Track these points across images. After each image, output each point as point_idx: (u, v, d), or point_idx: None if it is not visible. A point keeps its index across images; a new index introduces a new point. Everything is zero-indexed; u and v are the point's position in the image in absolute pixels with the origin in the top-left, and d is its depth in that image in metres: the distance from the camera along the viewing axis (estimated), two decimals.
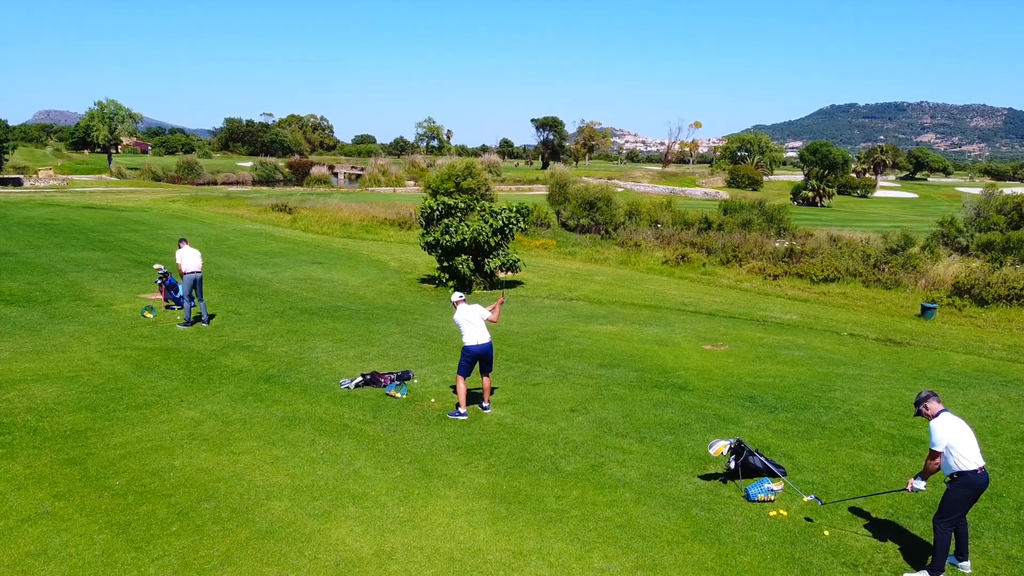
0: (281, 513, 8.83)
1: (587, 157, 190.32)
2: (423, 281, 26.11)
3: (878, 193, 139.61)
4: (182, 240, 18.92)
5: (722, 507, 9.28)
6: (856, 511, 9.23)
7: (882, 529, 8.80)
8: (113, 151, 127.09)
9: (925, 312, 22.60)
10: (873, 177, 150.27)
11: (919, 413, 8.02)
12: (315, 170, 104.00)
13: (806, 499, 9.38)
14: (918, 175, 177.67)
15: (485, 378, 12.54)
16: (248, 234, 37.25)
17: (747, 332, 19.79)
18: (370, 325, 18.89)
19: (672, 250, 33.99)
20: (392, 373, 14.10)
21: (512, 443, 11.17)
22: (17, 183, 73.09)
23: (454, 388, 12.88)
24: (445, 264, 24.29)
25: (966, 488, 7.61)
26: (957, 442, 7.63)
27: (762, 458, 9.96)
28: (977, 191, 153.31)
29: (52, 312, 19.29)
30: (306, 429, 11.49)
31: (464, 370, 12.21)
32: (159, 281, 20.12)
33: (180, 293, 20.15)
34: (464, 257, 23.62)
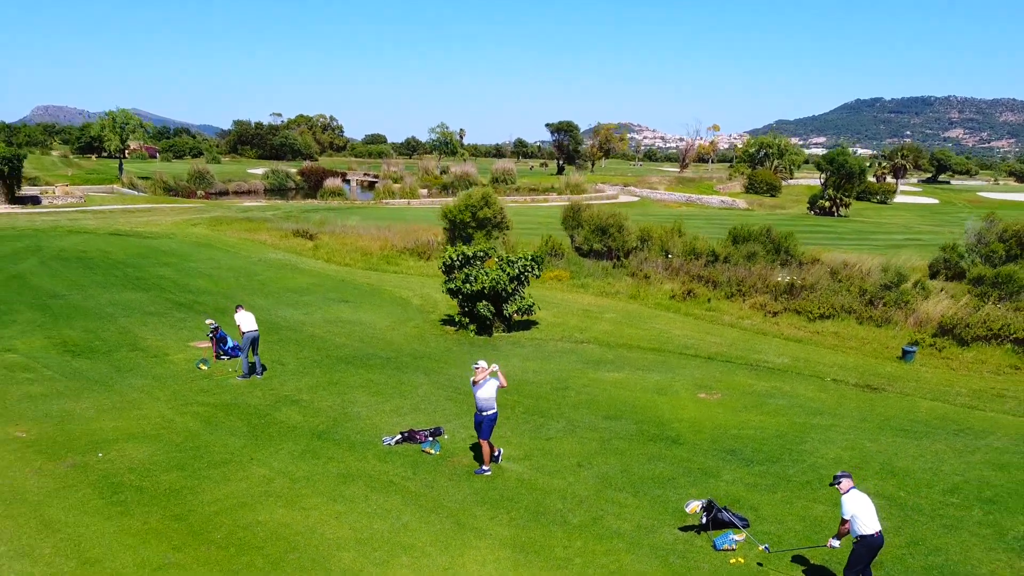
0: (350, 563, 11.85)
1: (602, 160, 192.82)
2: (444, 322, 29.13)
3: (898, 198, 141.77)
4: (239, 306, 21.98)
5: (694, 555, 12.25)
6: (798, 559, 12.18)
7: (816, 573, 11.75)
8: (121, 155, 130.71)
9: (905, 355, 25.43)
10: (893, 182, 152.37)
11: (834, 485, 10.97)
12: (329, 182, 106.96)
13: (760, 548, 12.33)
14: (941, 177, 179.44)
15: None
16: (274, 266, 40.41)
17: (740, 379, 22.71)
18: (401, 375, 21.92)
19: (680, 282, 36.89)
20: (426, 430, 17.11)
21: (528, 498, 14.16)
22: (36, 201, 76.48)
23: (476, 445, 15.87)
24: (466, 309, 27.30)
25: (866, 548, 10.55)
26: (861, 513, 10.58)
27: (728, 514, 12.92)
28: (1001, 196, 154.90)
29: (116, 363, 22.42)
30: (359, 486, 14.51)
31: (486, 434, 15.20)
32: (210, 335, 23.17)
33: (230, 344, 23.29)
34: (484, 303, 26.63)
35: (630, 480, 15.03)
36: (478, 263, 27.51)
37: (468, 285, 26.39)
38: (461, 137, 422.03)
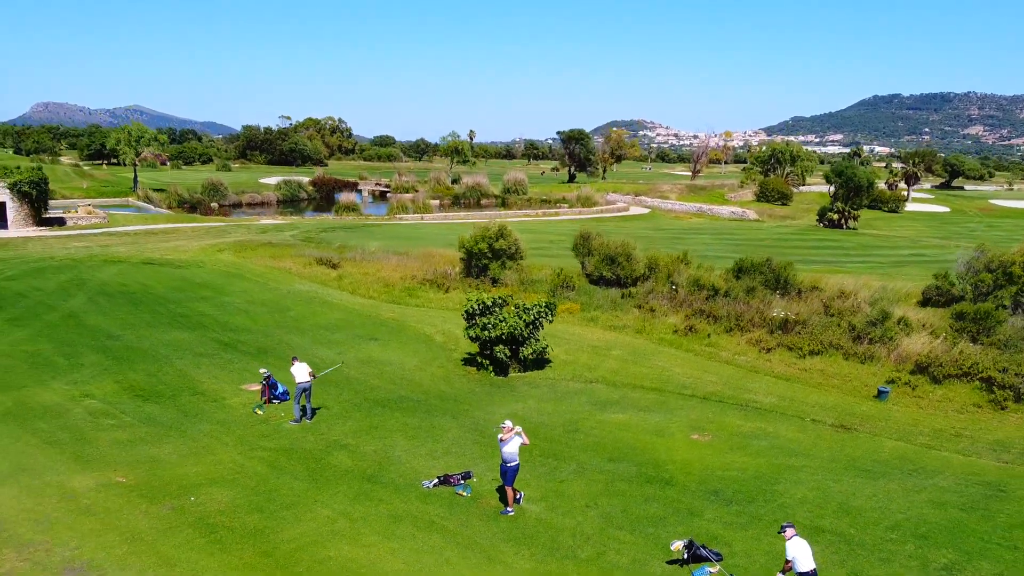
0: None
1: (614, 165, 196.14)
2: (466, 362, 32.83)
3: (909, 206, 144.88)
4: (294, 358, 25.71)
5: None
6: None
7: None
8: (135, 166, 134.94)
9: (880, 395, 28.99)
10: (904, 188, 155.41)
11: (781, 533, 14.61)
12: (343, 197, 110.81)
13: None
14: (954, 183, 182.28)
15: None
16: (304, 299, 44.19)
17: (730, 419, 26.35)
18: (432, 419, 25.64)
19: (683, 315, 40.51)
20: (458, 474, 20.80)
21: (545, 535, 17.84)
22: (61, 223, 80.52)
23: (502, 488, 19.52)
24: (486, 352, 31.00)
25: None
26: (799, 555, 14.21)
27: (705, 551, 16.56)
28: (1013, 203, 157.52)
29: (182, 408, 26.21)
30: (407, 525, 18.22)
31: (510, 482, 18.89)
32: (263, 383, 26.92)
33: (280, 390, 27.06)
34: (501, 347, 30.33)
35: (628, 519, 18.69)
36: (497, 310, 31.15)
37: (487, 332, 30.08)
38: (471, 139, 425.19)
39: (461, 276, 50.31)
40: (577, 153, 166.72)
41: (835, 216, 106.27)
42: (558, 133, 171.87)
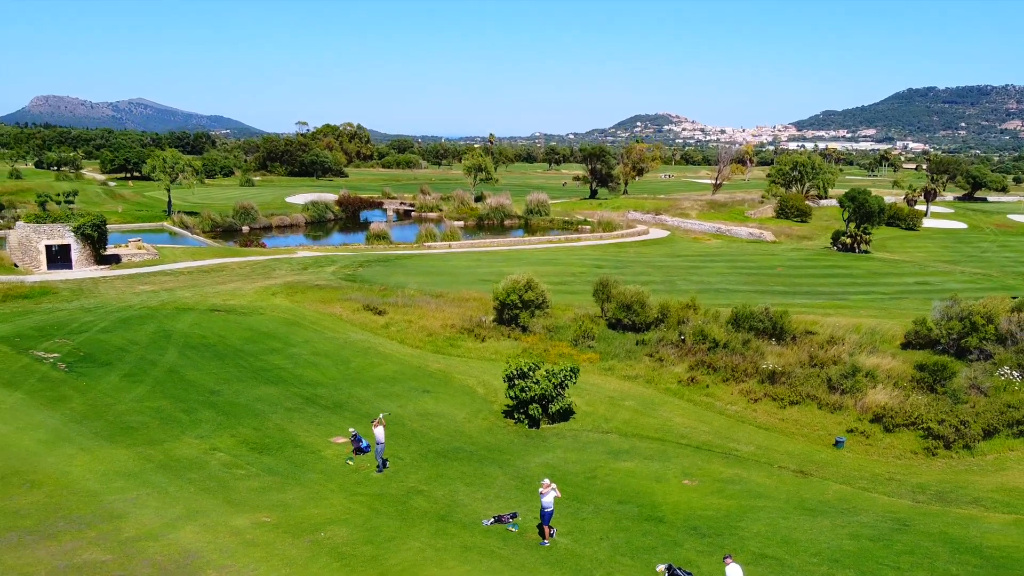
0: None
1: (636, 177, 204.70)
2: (505, 414, 41.95)
3: (927, 222, 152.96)
4: (375, 421, 34.83)
5: None
6: None
7: None
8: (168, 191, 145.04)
9: (837, 444, 37.84)
10: (924, 205, 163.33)
11: (724, 560, 23.63)
12: (373, 226, 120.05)
13: None
14: (977, 194, 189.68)
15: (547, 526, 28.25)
16: (360, 350, 53.47)
17: (715, 467, 35.36)
18: (483, 468, 34.81)
19: (687, 365, 49.47)
20: (508, 514, 29.89)
21: (571, 561, 26.90)
22: (116, 260, 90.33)
23: (540, 527, 28.56)
24: (522, 409, 40.16)
25: None
26: None
27: (681, 571, 25.57)
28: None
29: (290, 459, 35.46)
30: (474, 553, 27.31)
31: (546, 522, 28.00)
32: (351, 439, 36.13)
33: (364, 445, 36.26)
34: (535, 405, 39.47)
35: (630, 549, 27.73)
36: (531, 373, 40.26)
37: (524, 393, 39.24)
38: (491, 142, 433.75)
39: (494, 324, 59.48)
40: (599, 170, 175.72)
41: (848, 240, 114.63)
42: (580, 150, 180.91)
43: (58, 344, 52.16)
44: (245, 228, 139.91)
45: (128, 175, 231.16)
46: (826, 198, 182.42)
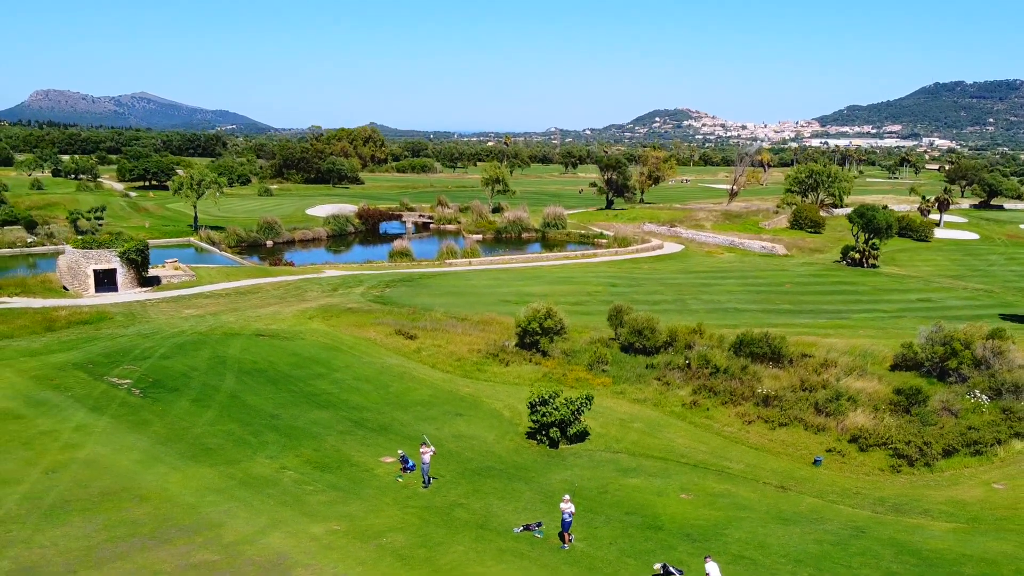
0: None
1: (652, 185, 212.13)
2: (529, 435, 49.66)
3: (940, 232, 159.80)
4: (423, 444, 42.62)
5: None
6: None
7: None
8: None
9: (816, 462, 45.40)
10: (937, 214, 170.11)
11: (705, 559, 31.33)
12: (396, 244, 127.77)
13: None
14: (993, 201, 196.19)
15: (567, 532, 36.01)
16: (396, 375, 61.33)
17: (709, 483, 43.02)
18: (512, 484, 42.56)
19: (691, 390, 57.12)
20: (534, 523, 37.63)
21: (585, 561, 34.61)
22: (156, 281, 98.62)
23: (560, 533, 36.29)
24: (543, 432, 47.91)
25: None
26: (712, 572, 30.94)
27: (674, 570, 33.27)
28: None
29: (348, 477, 43.29)
30: (509, 555, 35.06)
31: (566, 529, 35.77)
32: (400, 459, 43.96)
33: (410, 464, 44.05)
34: (555, 429, 47.23)
35: (634, 551, 35.42)
36: (551, 400, 47.98)
37: (545, 418, 47.01)
38: (506, 143, 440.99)
39: (516, 348, 67.26)
40: (615, 180, 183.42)
41: (856, 255, 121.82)
42: (596, 162, 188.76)
43: (127, 370, 60.26)
44: (269, 243, 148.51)
45: (147, 183, 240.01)
46: (841, 206, 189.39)
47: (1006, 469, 45.68)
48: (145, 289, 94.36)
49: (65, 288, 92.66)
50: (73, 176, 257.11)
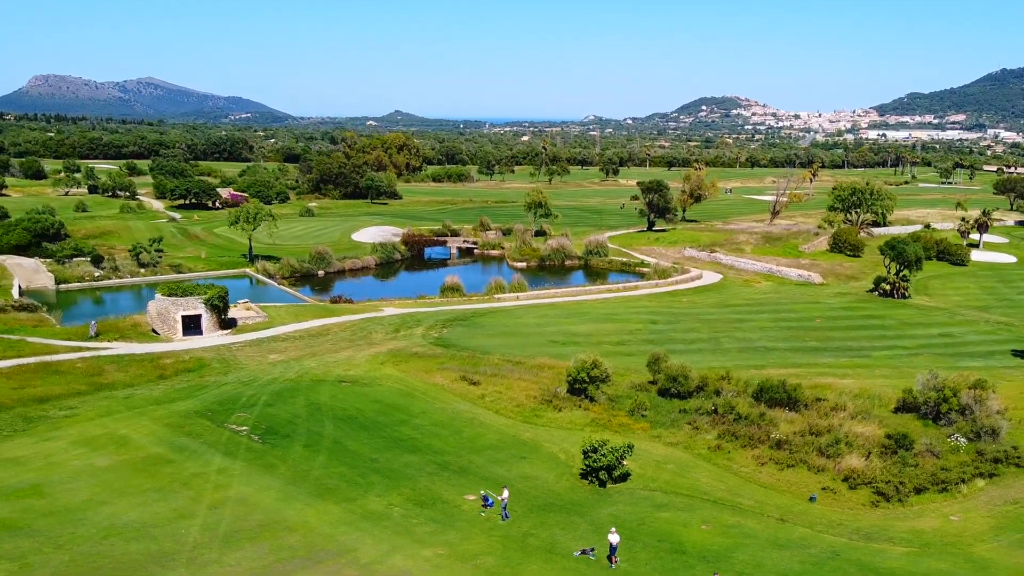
0: None
1: (692, 204, 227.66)
2: (582, 475, 66.00)
3: (977, 255, 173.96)
4: (504, 488, 59.18)
5: None
6: None
7: None
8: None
9: (811, 499, 61.36)
10: (976, 233, 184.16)
11: (714, 575, 47.63)
12: (448, 280, 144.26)
13: None
14: None
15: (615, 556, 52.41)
16: (467, 421, 77.89)
17: (724, 516, 59.22)
18: (570, 518, 58.98)
19: (716, 434, 73.20)
20: (589, 548, 54.02)
21: (630, 574, 51.11)
22: (233, 324, 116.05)
23: (608, 556, 52.62)
24: (594, 474, 64.31)
25: None
26: None
27: None
28: None
29: (444, 512, 59.87)
30: (572, 574, 51.49)
31: (613, 553, 52.20)
32: (480, 497, 60.49)
33: (489, 502, 60.58)
34: (603, 471, 63.62)
35: (664, 570, 51.63)
36: (600, 447, 64.30)
37: (596, 463, 63.49)
38: (545, 149, 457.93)
39: (567, 395, 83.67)
40: (655, 202, 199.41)
41: (887, 287, 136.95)
42: (638, 183, 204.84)
43: (241, 418, 77.39)
44: (320, 272, 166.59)
45: (188, 202, 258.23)
46: (883, 224, 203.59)
47: (965, 503, 61.39)
48: (225, 332, 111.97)
49: (155, 332, 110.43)
50: (110, 194, 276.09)
